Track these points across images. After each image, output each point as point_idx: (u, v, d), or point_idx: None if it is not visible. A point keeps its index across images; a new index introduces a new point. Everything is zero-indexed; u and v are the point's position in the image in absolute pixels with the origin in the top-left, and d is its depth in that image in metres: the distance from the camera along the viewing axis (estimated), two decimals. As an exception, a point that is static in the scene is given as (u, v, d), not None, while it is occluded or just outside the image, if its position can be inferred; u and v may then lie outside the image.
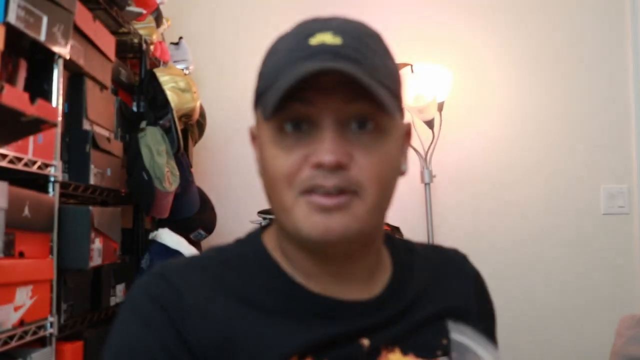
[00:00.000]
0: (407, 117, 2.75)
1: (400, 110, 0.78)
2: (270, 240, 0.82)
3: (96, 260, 1.66)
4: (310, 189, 0.71)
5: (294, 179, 0.71)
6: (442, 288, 0.88)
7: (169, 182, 2.07)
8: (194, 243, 2.38)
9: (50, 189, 1.51)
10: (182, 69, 2.49)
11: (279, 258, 0.80)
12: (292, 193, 0.72)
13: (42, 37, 1.35)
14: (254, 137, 0.81)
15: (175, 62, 2.56)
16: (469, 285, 0.91)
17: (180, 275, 0.77)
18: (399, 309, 0.81)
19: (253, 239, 0.83)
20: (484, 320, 0.90)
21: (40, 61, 1.50)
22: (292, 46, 0.73)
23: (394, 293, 0.81)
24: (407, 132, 0.83)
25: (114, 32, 2.02)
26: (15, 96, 1.15)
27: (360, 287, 0.80)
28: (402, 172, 0.80)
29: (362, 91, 0.68)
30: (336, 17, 0.76)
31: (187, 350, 0.72)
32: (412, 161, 2.75)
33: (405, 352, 0.78)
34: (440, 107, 2.71)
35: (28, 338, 1.36)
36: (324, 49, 0.70)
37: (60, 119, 1.51)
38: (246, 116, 3.01)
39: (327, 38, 0.71)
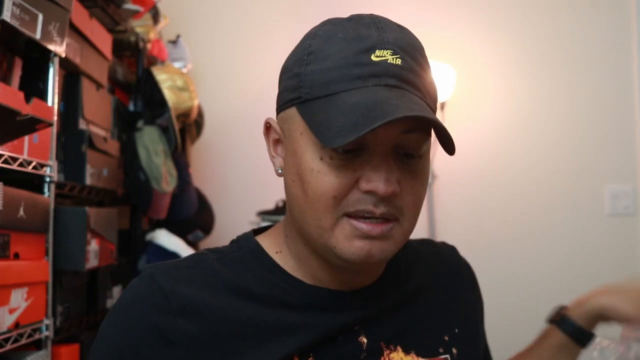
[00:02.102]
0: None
1: None
2: (265, 241, 0.83)
3: (92, 262, 1.64)
4: (359, 213, 0.71)
5: (341, 200, 0.71)
6: (440, 282, 0.89)
7: (167, 182, 2.05)
8: (192, 244, 2.37)
9: (46, 190, 1.49)
10: (180, 68, 2.48)
11: (273, 255, 0.81)
12: (335, 214, 0.71)
13: (38, 35, 1.33)
14: (269, 129, 0.80)
15: (173, 60, 2.55)
16: (461, 276, 0.93)
17: (168, 274, 0.77)
18: (391, 302, 0.82)
19: (247, 239, 0.84)
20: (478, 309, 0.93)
21: (35, 59, 1.48)
22: (348, 57, 0.71)
23: (386, 285, 0.82)
24: None
25: (110, 30, 2.00)
26: (10, 95, 1.13)
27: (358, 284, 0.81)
28: None
29: (420, 122, 0.69)
30: (387, 24, 0.74)
31: (169, 348, 0.72)
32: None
33: (406, 351, 0.79)
34: (442, 106, 2.70)
35: (23, 341, 1.35)
36: (386, 71, 0.70)
37: (55, 118, 1.49)
38: (245, 115, 2.98)
39: (388, 56, 0.70)
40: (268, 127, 0.79)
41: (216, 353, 0.72)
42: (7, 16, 1.20)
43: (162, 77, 2.18)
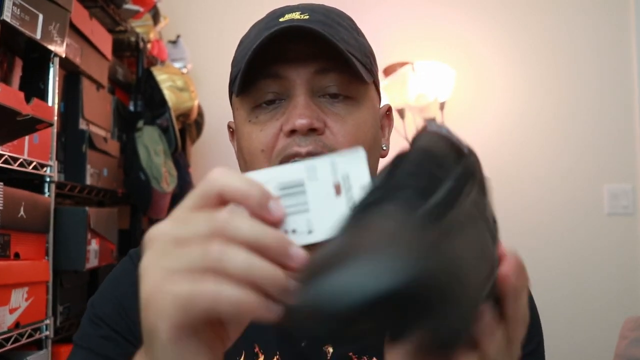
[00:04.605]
0: (408, 117, 2.75)
1: (375, 85, 0.79)
2: None
3: (92, 262, 1.64)
4: (287, 159, 0.71)
5: (271, 152, 0.72)
6: None
7: (167, 182, 2.05)
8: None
9: (46, 190, 1.49)
10: (180, 68, 2.47)
11: None
12: (270, 166, 0.72)
13: (38, 36, 1.33)
14: (233, 132, 0.84)
15: (172, 60, 2.55)
16: None
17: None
18: None
19: None
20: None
21: (36, 60, 1.49)
22: (261, 29, 0.75)
23: None
24: (385, 113, 0.84)
25: (110, 31, 2.01)
26: (11, 95, 1.13)
27: None
28: (382, 154, 0.80)
29: (332, 62, 0.69)
30: (311, 3, 0.78)
31: (126, 322, 0.73)
32: (412, 161, 2.73)
33: None
34: (441, 106, 2.70)
35: (24, 341, 1.35)
36: (291, 23, 0.70)
37: (56, 118, 1.49)
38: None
39: (295, 16, 0.73)
40: (230, 130, 0.85)
41: None
42: (7, 16, 1.20)
43: (162, 77, 2.18)
